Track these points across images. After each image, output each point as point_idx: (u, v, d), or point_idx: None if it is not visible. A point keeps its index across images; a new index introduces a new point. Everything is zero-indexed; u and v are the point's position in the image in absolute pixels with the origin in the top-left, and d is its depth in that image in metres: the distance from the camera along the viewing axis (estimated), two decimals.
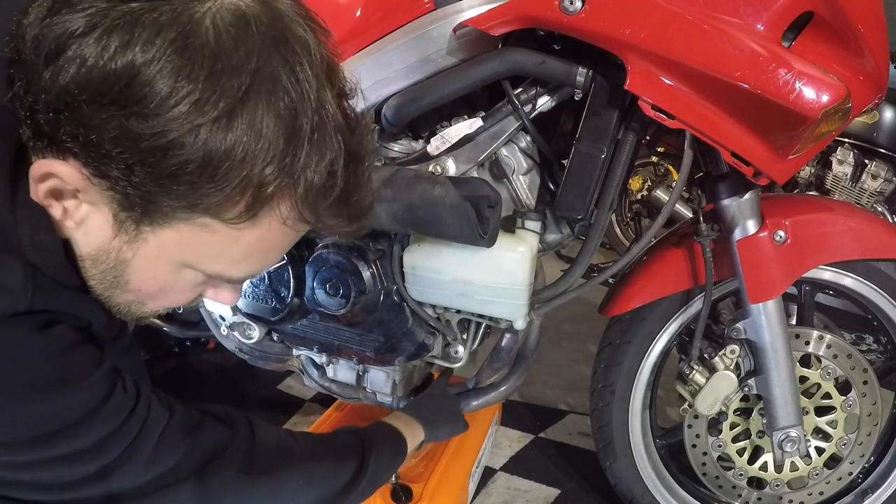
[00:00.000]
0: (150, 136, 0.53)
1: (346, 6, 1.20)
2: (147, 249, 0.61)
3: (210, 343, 1.97)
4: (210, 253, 0.62)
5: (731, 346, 1.27)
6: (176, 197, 0.56)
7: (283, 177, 0.57)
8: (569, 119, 1.17)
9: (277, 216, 0.60)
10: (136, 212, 0.58)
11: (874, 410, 1.33)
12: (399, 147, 1.22)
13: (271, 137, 0.56)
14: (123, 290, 0.65)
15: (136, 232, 0.60)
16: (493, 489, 1.67)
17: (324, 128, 0.59)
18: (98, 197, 0.58)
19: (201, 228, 0.60)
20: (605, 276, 1.25)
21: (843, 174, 2.52)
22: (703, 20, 0.94)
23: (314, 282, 1.25)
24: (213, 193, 0.56)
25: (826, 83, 0.92)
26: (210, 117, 0.53)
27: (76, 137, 0.54)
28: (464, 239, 1.08)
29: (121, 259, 0.62)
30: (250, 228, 0.60)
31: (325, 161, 0.59)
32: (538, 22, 1.02)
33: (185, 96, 0.53)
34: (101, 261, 0.63)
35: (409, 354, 1.30)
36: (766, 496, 1.41)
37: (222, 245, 0.61)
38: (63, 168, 0.56)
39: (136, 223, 0.60)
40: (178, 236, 0.60)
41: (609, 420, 1.43)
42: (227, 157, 0.55)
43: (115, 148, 0.54)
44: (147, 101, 0.53)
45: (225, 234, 0.60)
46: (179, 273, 0.65)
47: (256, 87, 0.55)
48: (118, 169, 0.55)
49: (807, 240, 1.21)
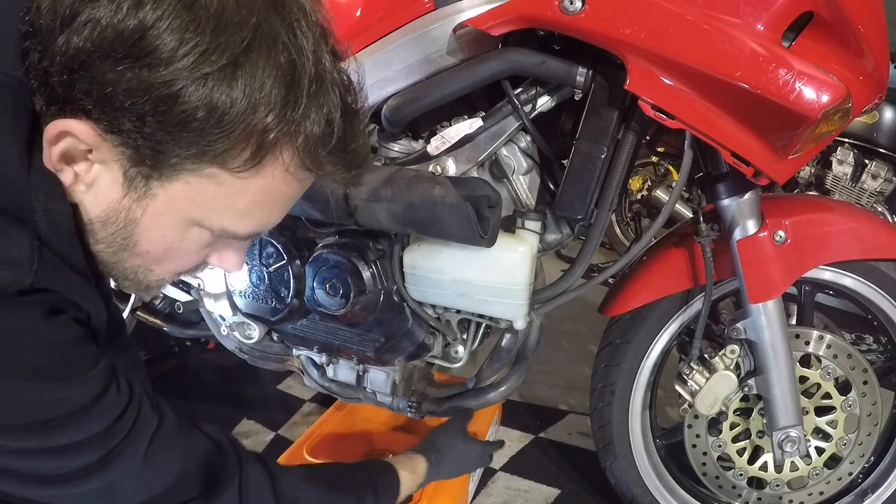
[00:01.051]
0: (162, 85, 0.57)
1: (346, 6, 1.20)
2: (156, 206, 0.64)
3: (210, 343, 1.97)
4: (217, 206, 0.65)
5: (731, 346, 1.27)
6: (185, 145, 0.60)
7: (285, 125, 0.61)
8: (569, 119, 1.17)
9: (280, 163, 0.64)
10: (147, 165, 0.61)
11: (874, 410, 1.33)
12: (399, 147, 1.22)
13: (272, 87, 0.60)
14: (132, 252, 0.68)
15: (145, 188, 0.63)
16: (493, 489, 1.67)
17: (321, 81, 0.63)
18: (109, 154, 0.61)
19: (208, 179, 0.63)
20: (605, 276, 1.25)
21: (843, 174, 2.52)
22: (703, 20, 0.94)
23: (314, 282, 1.25)
24: (219, 140, 0.60)
25: (826, 83, 0.92)
26: (216, 67, 0.58)
27: (90, 93, 0.58)
28: (464, 239, 1.08)
29: (130, 218, 0.65)
30: (255, 177, 0.64)
31: (324, 111, 0.64)
32: (538, 22, 1.02)
33: (193, 48, 0.57)
34: (110, 221, 0.65)
35: (409, 354, 1.30)
36: (766, 496, 1.41)
37: (228, 196, 0.65)
38: (77, 125, 0.60)
39: (146, 178, 0.63)
40: (186, 189, 0.63)
41: (609, 420, 1.43)
42: (232, 105, 0.59)
43: (128, 99, 0.57)
44: (158, 52, 0.57)
45: (231, 185, 0.64)
46: (187, 231, 0.67)
47: (258, 42, 0.59)
48: (130, 121, 0.58)
49: (807, 240, 1.21)
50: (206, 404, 1.99)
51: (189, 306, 1.51)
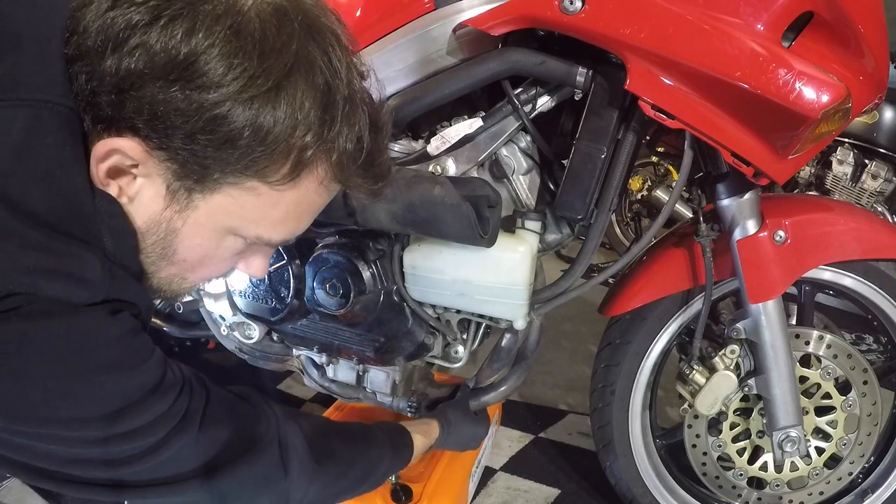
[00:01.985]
0: (212, 106, 0.61)
1: (346, 6, 1.20)
2: (197, 216, 0.69)
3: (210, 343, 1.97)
4: (253, 216, 0.70)
5: (731, 346, 1.27)
6: (230, 161, 0.64)
7: (322, 142, 0.67)
8: (569, 119, 1.17)
9: (315, 177, 0.70)
10: (191, 179, 0.66)
11: (874, 410, 1.33)
12: (399, 147, 1.22)
13: (311, 108, 0.65)
14: (169, 261, 0.72)
15: (187, 200, 0.67)
16: (493, 489, 1.67)
17: (353, 102, 0.69)
18: (154, 169, 0.65)
19: (248, 192, 0.67)
20: (605, 276, 1.25)
21: (843, 174, 2.52)
22: (703, 20, 0.94)
23: (314, 282, 1.25)
24: (262, 157, 0.65)
25: (826, 83, 0.92)
26: (262, 90, 0.62)
27: (140, 112, 0.62)
28: (464, 239, 1.08)
29: (171, 228, 0.69)
30: (291, 190, 0.69)
31: (355, 129, 0.69)
32: (538, 22, 1.02)
33: (241, 73, 0.62)
34: (151, 232, 0.69)
35: (409, 354, 1.30)
36: (766, 496, 1.41)
37: (265, 207, 0.69)
38: (126, 143, 0.63)
39: (189, 191, 0.67)
40: (226, 201, 0.68)
41: (609, 420, 1.43)
42: (276, 125, 0.64)
43: (179, 118, 0.62)
44: (209, 76, 0.61)
45: (268, 197, 0.69)
46: (223, 240, 0.72)
47: (297, 67, 0.64)
48: (180, 138, 0.63)
49: (807, 240, 1.21)
50: None
51: (189, 306, 1.51)
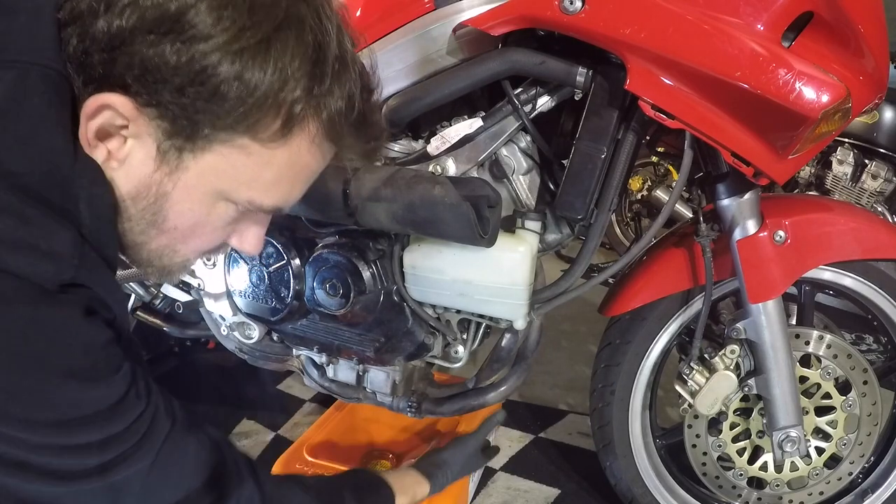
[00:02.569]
0: (201, 57, 0.61)
1: (346, 6, 1.20)
2: (187, 178, 0.67)
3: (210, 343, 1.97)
4: (245, 177, 0.69)
5: (731, 346, 1.27)
6: (220, 115, 0.64)
7: (312, 98, 0.66)
8: (569, 119, 1.17)
9: (307, 135, 0.69)
10: (182, 137, 0.65)
11: (874, 410, 1.33)
12: (399, 147, 1.22)
13: (301, 64, 0.65)
14: (159, 230, 0.70)
15: (177, 161, 0.66)
16: (493, 489, 1.67)
17: (343, 62, 0.69)
18: (145, 128, 0.65)
19: (239, 150, 0.66)
20: (605, 276, 1.25)
21: (843, 174, 2.52)
22: (703, 20, 0.94)
23: (314, 282, 1.25)
24: (251, 111, 0.64)
25: (826, 83, 0.92)
26: (251, 42, 0.62)
27: (131, 67, 0.61)
28: (464, 239, 1.08)
29: (161, 192, 0.68)
30: (282, 148, 0.68)
31: (346, 87, 0.69)
32: (538, 22, 1.02)
33: (230, 24, 0.61)
34: (141, 196, 0.68)
35: (409, 354, 1.30)
36: (766, 496, 1.41)
37: (256, 167, 0.68)
38: (117, 98, 0.63)
39: (179, 151, 0.66)
40: (217, 160, 0.67)
41: (609, 420, 1.43)
42: (265, 78, 0.63)
43: (168, 72, 0.61)
44: (199, 27, 0.61)
45: (259, 155, 0.68)
46: (214, 206, 0.71)
47: (287, 23, 0.64)
48: (169, 92, 0.62)
49: (807, 240, 1.21)
50: (206, 404, 1.99)
51: (189, 306, 1.51)
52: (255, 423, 1.92)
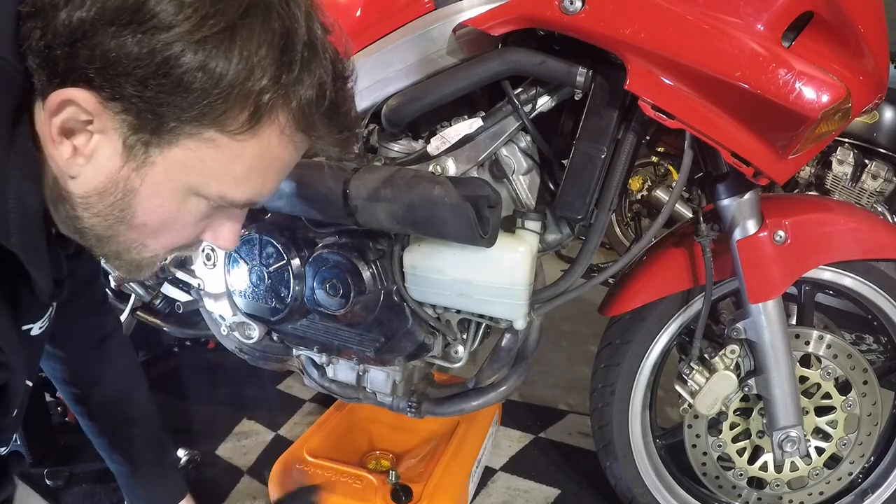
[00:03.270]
0: (163, 48, 0.59)
1: (346, 6, 1.20)
2: (155, 174, 0.66)
3: (210, 343, 1.97)
4: (214, 171, 0.67)
5: (731, 346, 1.27)
6: (184, 108, 0.62)
7: (280, 87, 0.64)
8: (569, 119, 1.17)
9: (277, 126, 0.66)
10: (147, 131, 0.63)
11: (874, 410, 1.33)
12: (399, 147, 1.22)
13: (268, 52, 0.63)
14: (128, 225, 0.69)
15: (144, 156, 0.65)
16: (493, 489, 1.67)
17: (313, 48, 0.66)
18: (110, 123, 0.63)
19: (207, 143, 0.65)
20: (605, 276, 1.25)
21: (843, 174, 2.53)
22: (703, 20, 0.94)
23: (314, 282, 1.25)
24: (217, 102, 0.62)
25: (826, 83, 0.92)
26: (215, 31, 0.60)
27: (92, 60, 0.60)
28: (464, 239, 1.08)
29: (129, 188, 0.66)
30: (252, 139, 0.66)
31: (316, 75, 0.67)
32: (538, 22, 1.02)
33: (192, 13, 0.60)
34: (108, 192, 0.66)
35: (409, 354, 1.30)
36: (766, 496, 1.41)
37: (226, 161, 0.66)
38: (79, 93, 0.61)
39: (146, 145, 0.64)
40: (184, 155, 0.65)
41: (609, 420, 1.43)
42: (230, 67, 0.61)
43: (130, 63, 0.60)
44: (159, 18, 0.59)
45: (228, 148, 0.65)
46: (184, 202, 0.69)
47: (253, 10, 0.62)
48: (132, 85, 0.61)
49: (807, 240, 1.21)
50: (206, 404, 2.00)
51: (189, 306, 1.51)
52: (255, 423, 1.92)
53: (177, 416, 1.90)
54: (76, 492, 1.60)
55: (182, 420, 1.90)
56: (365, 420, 1.71)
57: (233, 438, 1.85)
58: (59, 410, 1.78)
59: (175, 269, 1.46)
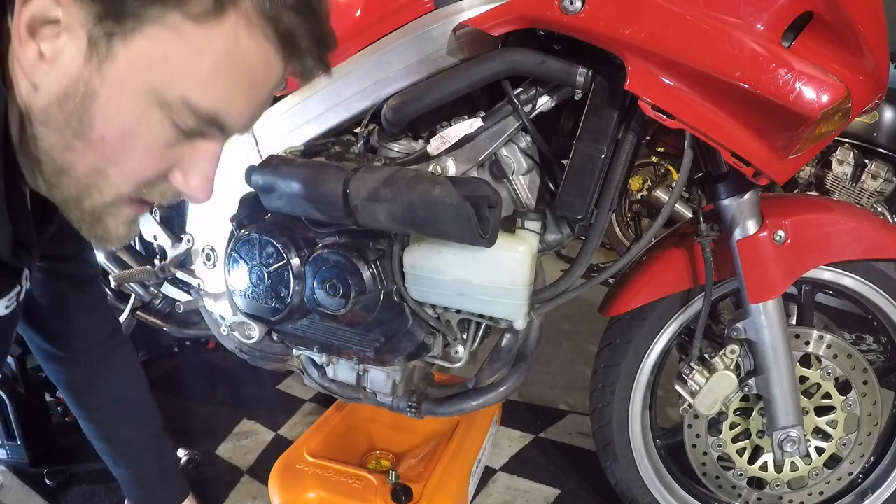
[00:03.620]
0: None
1: (346, 6, 1.20)
2: (116, 71, 0.63)
3: (210, 343, 1.97)
4: (178, 67, 0.64)
5: (731, 346, 1.27)
6: None
7: None
8: (569, 119, 1.17)
9: (243, 15, 0.64)
10: (111, 19, 0.61)
11: (874, 410, 1.33)
12: (399, 147, 1.22)
13: None
14: (86, 141, 0.66)
15: (107, 49, 0.62)
16: (493, 489, 1.67)
17: None
18: (77, 15, 0.62)
19: (171, 31, 0.62)
20: (605, 276, 1.25)
21: (843, 174, 2.53)
22: (703, 20, 0.94)
23: (314, 282, 1.24)
24: None
25: (826, 83, 0.92)
26: None
27: None
28: (464, 239, 1.08)
29: (89, 91, 0.64)
30: (218, 28, 0.63)
31: None
32: (538, 22, 1.02)
33: None
34: (69, 97, 0.64)
35: (409, 354, 1.30)
36: (766, 496, 1.41)
37: (190, 54, 0.64)
38: None
39: (109, 37, 0.62)
40: (148, 46, 0.62)
41: (609, 420, 1.43)
42: None
43: None
44: None
45: (192, 38, 0.63)
46: (145, 112, 0.65)
47: None
48: None
49: (807, 240, 1.21)
50: (206, 404, 2.00)
51: (189, 306, 1.51)
52: (255, 423, 1.92)
53: (177, 416, 1.90)
54: (76, 492, 1.61)
55: (182, 420, 1.90)
56: (365, 420, 1.71)
57: (233, 438, 1.85)
58: (59, 410, 1.79)
59: (175, 269, 1.46)
